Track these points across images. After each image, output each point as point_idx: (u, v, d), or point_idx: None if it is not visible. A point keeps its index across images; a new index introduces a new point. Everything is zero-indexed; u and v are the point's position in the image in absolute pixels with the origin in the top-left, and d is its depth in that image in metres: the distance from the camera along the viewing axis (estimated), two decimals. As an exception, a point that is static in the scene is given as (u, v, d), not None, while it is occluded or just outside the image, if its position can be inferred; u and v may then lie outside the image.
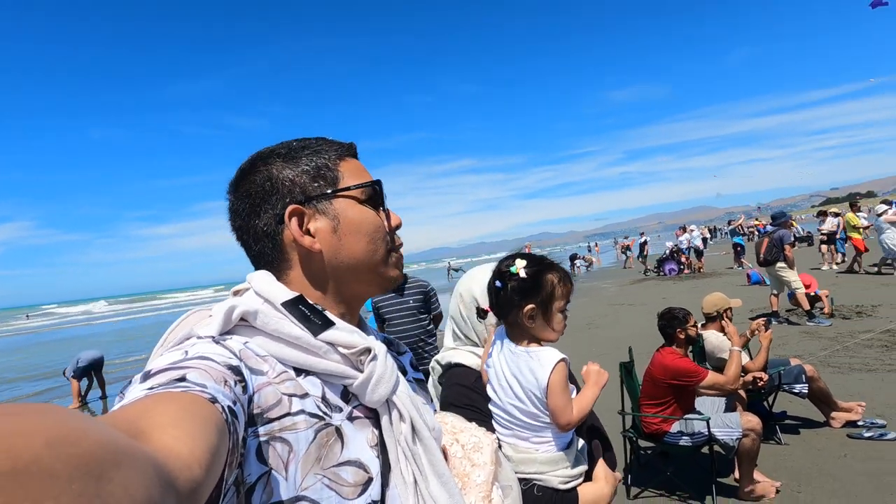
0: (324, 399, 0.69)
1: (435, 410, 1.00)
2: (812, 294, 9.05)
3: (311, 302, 0.72)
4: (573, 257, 31.28)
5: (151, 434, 0.41)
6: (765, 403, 4.38)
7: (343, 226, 0.75)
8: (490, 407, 1.36)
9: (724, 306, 4.45)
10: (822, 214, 15.93)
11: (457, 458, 0.93)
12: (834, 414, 4.28)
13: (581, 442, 1.40)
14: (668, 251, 21.17)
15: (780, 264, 8.64)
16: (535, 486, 1.28)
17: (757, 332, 4.17)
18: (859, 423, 4.21)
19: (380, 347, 0.74)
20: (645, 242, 27.59)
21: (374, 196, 0.79)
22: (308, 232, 0.74)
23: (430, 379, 1.59)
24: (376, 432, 0.72)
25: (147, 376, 0.54)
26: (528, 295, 1.30)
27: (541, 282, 1.31)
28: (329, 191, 0.75)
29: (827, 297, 9.00)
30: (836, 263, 14.90)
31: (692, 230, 20.54)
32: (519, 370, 1.30)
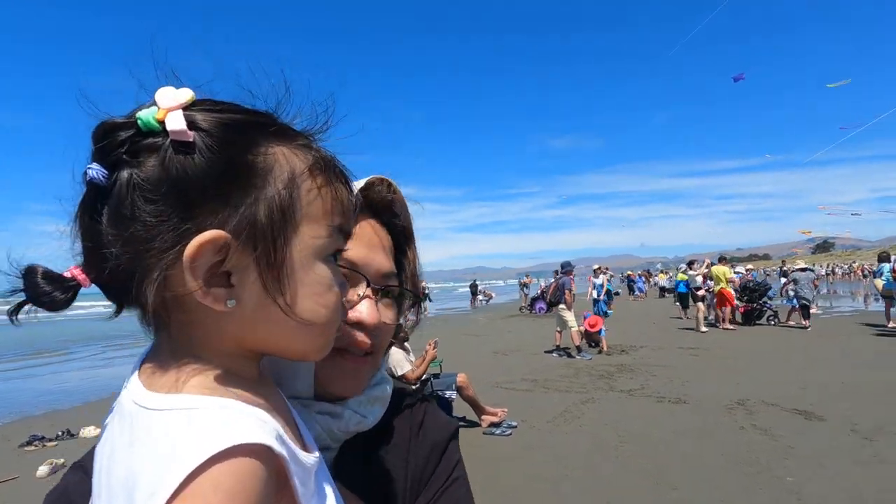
0: None
1: None
2: (594, 332, 10.84)
3: None
4: (474, 287, 32.90)
5: None
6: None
7: None
8: None
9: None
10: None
11: None
12: (483, 417, 5.60)
13: None
14: (540, 291, 23.27)
15: (562, 306, 10.33)
16: None
17: (427, 349, 5.43)
18: (502, 424, 5.55)
19: None
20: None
21: None
22: None
23: None
24: None
25: None
26: (199, 199, 0.39)
27: (248, 159, 0.40)
28: None
29: (604, 337, 10.82)
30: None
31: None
32: (109, 474, 0.38)
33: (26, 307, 0.40)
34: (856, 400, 6.03)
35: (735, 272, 14.87)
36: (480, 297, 32.94)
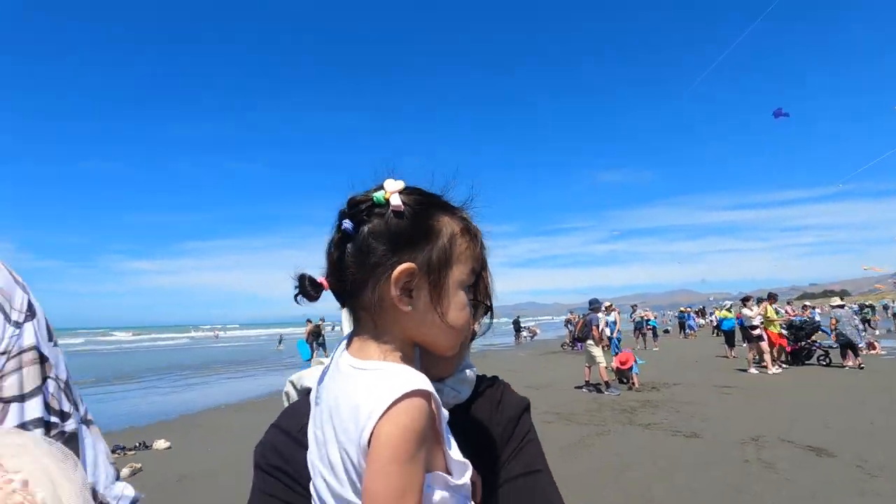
0: None
1: None
2: (626, 370, 10.95)
3: None
4: (517, 324, 32.66)
5: None
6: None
7: None
8: (312, 485, 0.69)
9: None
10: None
11: None
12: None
13: None
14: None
15: (590, 341, 10.58)
16: None
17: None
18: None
19: None
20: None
21: None
22: None
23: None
24: None
25: None
26: (405, 245, 0.65)
27: (431, 224, 0.67)
28: None
29: (636, 374, 10.90)
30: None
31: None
32: (338, 407, 0.63)
33: (299, 297, 0.66)
34: (878, 440, 5.98)
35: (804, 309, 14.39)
36: (525, 333, 32.69)
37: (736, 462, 5.38)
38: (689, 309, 31.56)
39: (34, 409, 0.46)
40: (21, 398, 0.46)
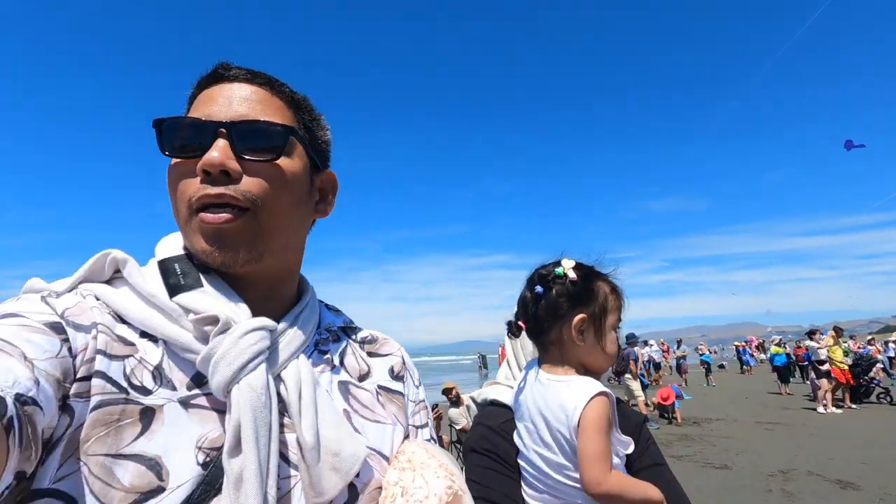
0: (157, 369, 0.54)
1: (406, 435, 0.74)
2: (668, 405, 11.06)
3: (193, 261, 0.61)
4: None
5: None
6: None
7: None
8: (518, 461, 1.05)
9: (452, 388, 6.85)
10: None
11: None
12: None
13: None
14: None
15: (627, 375, 10.84)
16: None
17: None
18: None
19: (244, 320, 0.57)
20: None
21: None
22: None
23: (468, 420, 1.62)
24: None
25: None
26: (578, 302, 1.03)
27: (594, 288, 1.05)
28: None
29: (678, 409, 10.98)
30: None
31: (651, 345, 22.39)
32: (547, 405, 0.98)
33: (509, 335, 1.11)
34: (914, 476, 6.00)
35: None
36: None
37: (758, 492, 5.64)
38: (744, 343, 30.27)
39: (426, 434, 0.78)
40: (422, 426, 0.78)
